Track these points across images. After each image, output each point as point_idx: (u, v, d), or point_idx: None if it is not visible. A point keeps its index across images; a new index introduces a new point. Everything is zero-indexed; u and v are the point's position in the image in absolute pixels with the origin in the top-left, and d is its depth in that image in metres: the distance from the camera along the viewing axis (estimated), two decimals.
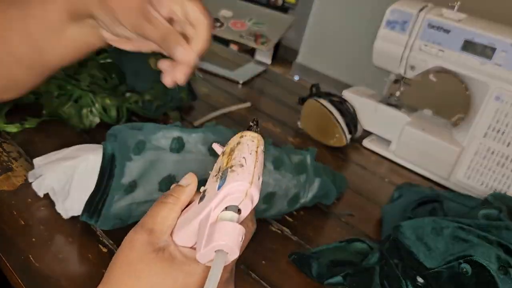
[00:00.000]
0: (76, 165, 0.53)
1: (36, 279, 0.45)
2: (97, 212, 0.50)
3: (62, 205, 0.53)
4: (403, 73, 0.86)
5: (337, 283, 0.52)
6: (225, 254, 0.32)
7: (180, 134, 0.53)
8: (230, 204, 0.32)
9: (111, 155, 0.50)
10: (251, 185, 0.32)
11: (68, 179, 0.53)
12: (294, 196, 0.62)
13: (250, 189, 0.32)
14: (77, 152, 0.55)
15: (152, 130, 0.53)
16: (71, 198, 0.52)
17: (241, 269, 0.53)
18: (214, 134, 0.56)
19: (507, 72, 0.74)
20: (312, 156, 0.67)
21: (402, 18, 0.82)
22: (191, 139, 0.54)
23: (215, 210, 0.32)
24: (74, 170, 0.53)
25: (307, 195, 0.64)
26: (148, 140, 0.52)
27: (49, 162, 0.55)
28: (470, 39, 0.76)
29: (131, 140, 0.51)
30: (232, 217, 0.32)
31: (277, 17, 1.20)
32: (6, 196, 0.55)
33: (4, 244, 0.49)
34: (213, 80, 1.10)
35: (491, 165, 0.78)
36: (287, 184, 0.60)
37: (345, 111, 0.88)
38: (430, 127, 0.86)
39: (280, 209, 0.61)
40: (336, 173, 0.74)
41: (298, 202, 0.63)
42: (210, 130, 0.57)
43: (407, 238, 0.52)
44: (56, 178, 0.53)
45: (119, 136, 0.51)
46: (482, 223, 0.54)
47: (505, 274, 0.47)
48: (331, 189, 0.67)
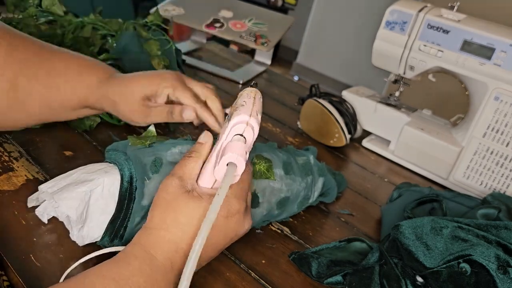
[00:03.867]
0: (92, 190, 0.48)
1: (37, 279, 0.45)
2: (118, 236, 0.48)
3: (78, 233, 0.49)
4: (403, 73, 0.87)
5: (336, 283, 0.53)
6: (234, 166, 0.40)
7: None
8: (236, 133, 0.41)
9: (130, 176, 0.48)
10: (250, 117, 0.41)
11: (85, 206, 0.49)
12: (304, 198, 0.62)
13: (250, 120, 0.41)
14: (88, 176, 0.50)
15: (165, 147, 0.51)
16: (87, 225, 0.49)
17: (241, 268, 0.53)
18: None
19: (506, 72, 0.74)
20: (314, 155, 0.67)
21: (402, 18, 0.82)
22: None
23: (225, 140, 0.42)
24: (90, 196, 0.48)
25: (314, 195, 0.64)
26: (163, 157, 0.50)
27: (60, 189, 0.49)
28: (469, 40, 0.76)
29: (147, 159, 0.49)
30: (239, 139, 0.41)
31: (277, 17, 1.20)
32: (7, 196, 0.55)
33: (5, 244, 0.49)
34: (213, 80, 1.10)
35: (490, 165, 0.79)
36: (298, 187, 0.60)
37: (345, 111, 0.88)
38: (429, 127, 0.86)
39: (290, 212, 0.62)
40: (336, 173, 0.75)
41: (306, 203, 0.64)
42: None
43: (406, 238, 0.53)
44: (72, 205, 0.48)
45: (132, 155, 0.49)
46: (481, 223, 0.55)
47: (504, 274, 0.47)
48: (333, 187, 0.68)
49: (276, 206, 0.58)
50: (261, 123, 0.93)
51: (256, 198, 0.55)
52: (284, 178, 0.58)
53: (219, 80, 1.12)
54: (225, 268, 0.52)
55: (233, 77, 1.14)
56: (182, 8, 1.18)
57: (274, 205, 0.58)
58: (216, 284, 0.50)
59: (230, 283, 0.51)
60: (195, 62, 1.17)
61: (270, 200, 0.57)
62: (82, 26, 0.82)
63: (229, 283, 0.50)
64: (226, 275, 0.51)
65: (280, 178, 0.58)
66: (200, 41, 1.34)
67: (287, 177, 0.59)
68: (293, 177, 0.59)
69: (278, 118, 0.97)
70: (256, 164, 0.56)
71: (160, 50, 0.80)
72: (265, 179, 0.56)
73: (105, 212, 0.49)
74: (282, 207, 0.59)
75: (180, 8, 1.18)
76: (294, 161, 0.62)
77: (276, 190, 0.57)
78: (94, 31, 0.83)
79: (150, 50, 0.79)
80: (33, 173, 0.60)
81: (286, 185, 0.58)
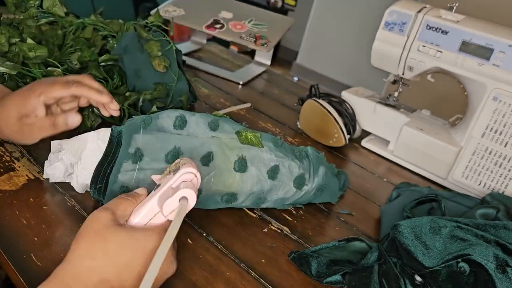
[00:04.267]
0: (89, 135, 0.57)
1: (38, 278, 0.46)
2: (105, 178, 0.53)
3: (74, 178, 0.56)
4: (402, 74, 0.87)
5: (336, 282, 0.53)
6: (187, 202, 0.44)
7: (182, 113, 0.58)
8: (184, 180, 0.46)
9: (119, 130, 0.54)
10: (197, 171, 0.47)
11: (81, 145, 0.56)
12: (300, 176, 0.62)
13: (197, 173, 0.47)
14: None
15: (157, 114, 0.58)
16: (82, 165, 0.55)
17: (241, 268, 0.53)
18: (215, 118, 0.60)
19: (505, 72, 0.74)
20: (313, 150, 0.67)
21: (401, 19, 0.83)
22: (194, 118, 0.58)
23: (174, 184, 0.46)
24: (87, 139, 0.56)
25: (313, 180, 0.63)
26: (153, 118, 0.56)
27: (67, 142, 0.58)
28: (468, 40, 0.76)
29: (138, 118, 0.56)
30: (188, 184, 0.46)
31: (276, 18, 1.21)
32: (8, 196, 0.56)
33: (6, 244, 0.49)
34: (213, 81, 1.10)
35: (489, 165, 0.79)
36: (290, 162, 0.61)
37: (344, 111, 0.88)
38: (428, 127, 0.87)
39: (288, 190, 0.62)
40: (340, 171, 0.75)
41: (304, 184, 0.63)
42: (212, 116, 0.61)
43: (405, 237, 0.53)
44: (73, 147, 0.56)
45: (128, 121, 0.56)
46: (480, 223, 0.55)
47: (502, 273, 0.47)
48: (335, 185, 0.68)
49: (267, 174, 0.60)
50: (261, 123, 0.94)
51: (243, 161, 0.58)
52: (273, 150, 0.61)
53: (219, 80, 1.12)
54: (225, 268, 0.53)
55: (233, 77, 1.14)
56: (182, 9, 1.18)
57: (265, 173, 0.60)
58: (216, 284, 0.50)
59: (230, 282, 0.51)
60: (195, 62, 1.18)
61: (259, 167, 0.59)
62: (83, 27, 0.82)
63: (229, 283, 0.51)
64: (226, 275, 0.52)
65: (269, 149, 0.60)
66: (200, 42, 1.34)
67: (277, 149, 0.61)
68: (283, 151, 0.61)
69: (278, 118, 0.98)
70: (243, 132, 0.60)
71: (160, 51, 0.80)
72: (252, 146, 0.59)
73: (96, 155, 0.54)
74: (274, 177, 0.60)
75: (181, 9, 1.18)
76: (287, 145, 0.64)
77: (266, 160, 0.60)
78: (95, 32, 0.83)
79: (151, 50, 0.79)
80: (34, 173, 0.61)
81: (277, 156, 0.61)
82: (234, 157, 0.58)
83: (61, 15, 0.82)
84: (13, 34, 0.72)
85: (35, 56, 0.70)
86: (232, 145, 0.59)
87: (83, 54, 0.76)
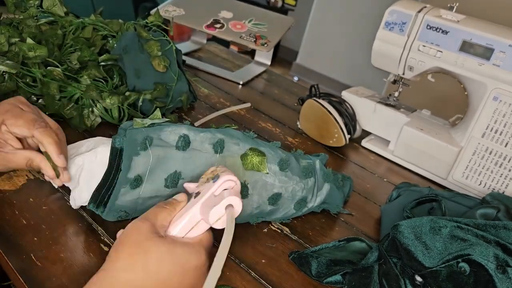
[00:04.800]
0: (86, 157, 0.55)
1: (38, 278, 0.46)
2: (103, 203, 0.52)
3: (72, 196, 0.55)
4: (402, 74, 0.87)
5: (336, 282, 0.53)
6: (233, 209, 0.43)
7: (187, 132, 0.55)
8: (226, 188, 0.45)
9: (119, 149, 0.51)
10: (237, 179, 0.46)
11: (78, 170, 0.55)
12: (301, 199, 0.62)
13: (237, 180, 0.46)
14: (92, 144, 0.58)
15: (162, 126, 0.54)
16: (80, 188, 0.54)
17: (241, 268, 0.53)
18: (223, 134, 0.57)
19: (505, 72, 0.74)
20: (323, 162, 0.66)
21: (401, 19, 0.83)
22: (199, 137, 0.55)
23: (216, 191, 0.45)
24: (83, 162, 0.55)
25: (315, 199, 0.64)
26: (157, 135, 0.53)
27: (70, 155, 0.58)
28: (469, 40, 0.76)
29: (140, 136, 0.52)
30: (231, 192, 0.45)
31: (276, 18, 1.20)
32: (8, 195, 0.56)
33: (6, 244, 0.49)
34: (213, 81, 1.10)
35: (489, 165, 0.79)
36: (294, 186, 0.60)
37: (344, 111, 0.88)
38: (428, 127, 0.87)
39: (287, 212, 0.62)
40: (346, 177, 0.74)
41: (305, 206, 0.63)
42: (219, 131, 0.57)
43: (405, 237, 0.53)
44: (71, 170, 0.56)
45: (128, 131, 0.52)
46: (480, 223, 0.55)
47: (503, 273, 0.47)
48: (339, 199, 0.67)
49: (268, 201, 0.59)
50: (261, 123, 0.94)
51: (245, 188, 0.56)
52: (278, 174, 0.59)
53: (219, 80, 1.12)
54: (225, 268, 0.53)
55: (233, 77, 1.14)
56: (182, 9, 1.18)
57: (266, 200, 0.58)
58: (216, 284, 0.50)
59: (230, 282, 0.51)
60: (195, 62, 1.18)
61: (261, 193, 0.58)
62: (82, 26, 0.82)
63: (229, 283, 0.51)
64: (227, 275, 0.52)
65: (273, 173, 0.58)
66: (200, 42, 1.34)
67: (281, 173, 0.59)
68: (289, 175, 0.60)
69: (278, 118, 0.98)
70: (248, 156, 0.57)
71: (160, 51, 0.80)
72: (257, 171, 0.57)
73: (95, 177, 0.53)
74: (275, 203, 0.59)
75: (181, 9, 1.18)
76: (295, 161, 0.62)
77: (268, 185, 0.58)
78: (94, 32, 0.83)
79: (151, 50, 0.79)
80: (34, 173, 0.61)
81: (280, 181, 0.59)
82: None
83: (61, 15, 0.82)
84: (13, 33, 0.72)
85: (35, 56, 0.70)
86: (235, 169, 0.56)
87: (83, 54, 0.76)
